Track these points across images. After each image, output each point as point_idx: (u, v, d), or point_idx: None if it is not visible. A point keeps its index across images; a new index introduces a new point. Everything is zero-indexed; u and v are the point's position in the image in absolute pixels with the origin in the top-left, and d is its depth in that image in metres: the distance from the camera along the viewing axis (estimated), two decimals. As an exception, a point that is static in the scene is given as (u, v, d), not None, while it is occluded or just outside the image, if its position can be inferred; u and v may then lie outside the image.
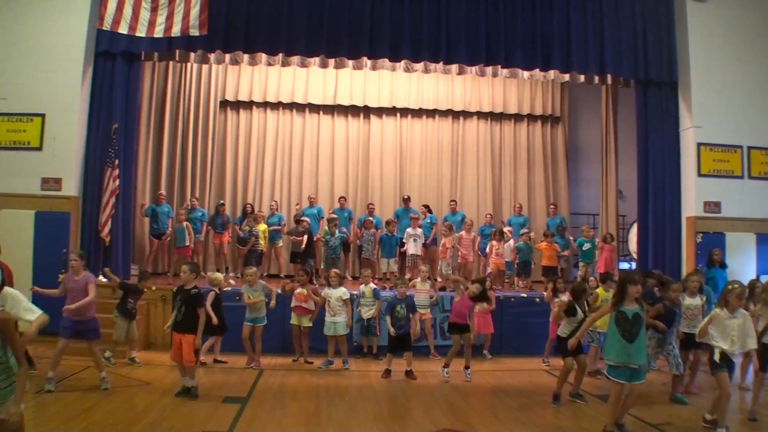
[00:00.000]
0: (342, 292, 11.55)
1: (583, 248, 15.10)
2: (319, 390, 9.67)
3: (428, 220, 16.34)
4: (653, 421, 8.16)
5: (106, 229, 13.01)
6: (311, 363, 11.47)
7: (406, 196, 17.20)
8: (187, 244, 14.78)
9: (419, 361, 11.38)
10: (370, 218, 15.84)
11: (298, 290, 11.61)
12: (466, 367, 10.69)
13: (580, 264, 15.15)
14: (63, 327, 9.16)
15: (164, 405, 8.45)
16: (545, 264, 15.23)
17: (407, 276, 14.42)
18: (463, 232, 15.42)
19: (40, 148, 12.93)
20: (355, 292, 12.27)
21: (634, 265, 16.98)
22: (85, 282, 9.32)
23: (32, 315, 5.57)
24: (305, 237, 15.07)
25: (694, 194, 14.23)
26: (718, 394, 7.75)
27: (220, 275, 11.86)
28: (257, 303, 11.20)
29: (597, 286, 11.77)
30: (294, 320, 11.59)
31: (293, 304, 11.61)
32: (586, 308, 9.42)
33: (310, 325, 11.56)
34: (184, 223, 14.79)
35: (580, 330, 8.52)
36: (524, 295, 13.44)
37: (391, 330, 10.75)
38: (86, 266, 9.69)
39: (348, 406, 8.83)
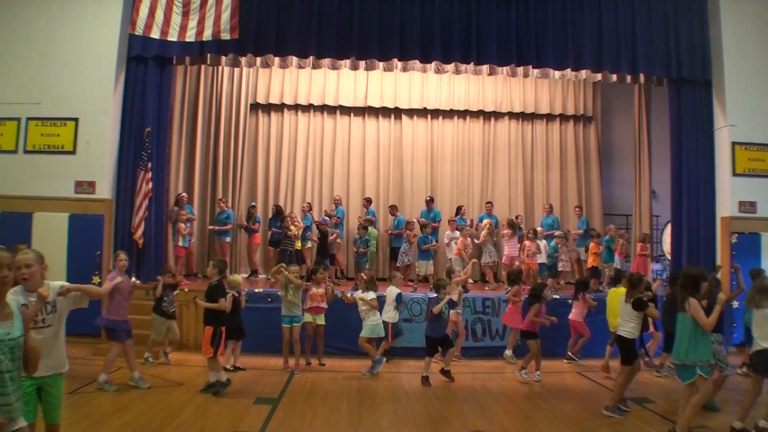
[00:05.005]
0: (369, 295, 11.29)
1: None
2: (351, 391, 9.67)
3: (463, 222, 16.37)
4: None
5: (140, 232, 13.13)
6: (324, 365, 11.43)
7: (429, 198, 17.26)
8: (179, 244, 14.62)
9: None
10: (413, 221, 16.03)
11: (314, 290, 11.41)
12: (529, 370, 10.70)
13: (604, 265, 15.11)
14: (123, 330, 9.55)
15: (197, 405, 8.51)
16: (591, 266, 15.20)
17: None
18: (506, 232, 15.42)
19: (73, 152, 13.11)
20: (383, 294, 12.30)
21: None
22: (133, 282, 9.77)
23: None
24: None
25: (729, 194, 14.00)
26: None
27: (239, 277, 11.64)
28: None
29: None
30: (308, 318, 11.34)
31: (308, 305, 11.37)
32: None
33: (324, 323, 11.46)
34: (180, 225, 14.67)
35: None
36: (556, 296, 13.31)
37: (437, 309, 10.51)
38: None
39: (379, 408, 8.83)
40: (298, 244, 15.18)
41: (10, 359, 4.23)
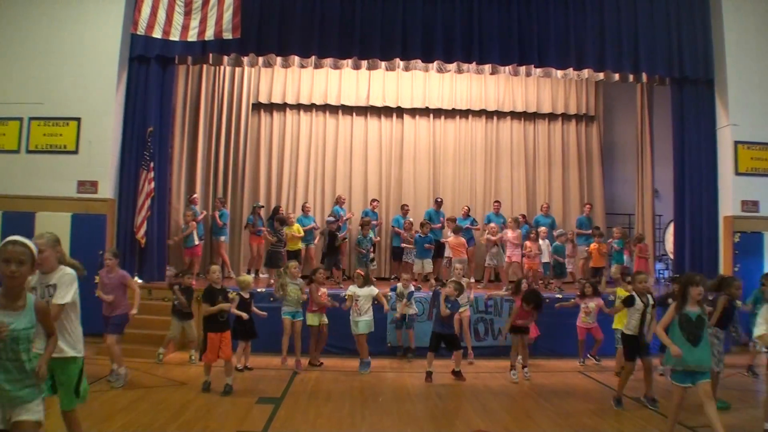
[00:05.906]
0: (368, 291, 11.23)
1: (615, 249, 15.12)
2: (353, 391, 9.65)
3: (467, 222, 16.35)
4: (691, 424, 7.97)
5: (142, 231, 13.17)
6: (321, 365, 11.35)
7: (438, 198, 17.23)
8: (197, 243, 14.82)
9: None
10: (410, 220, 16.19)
11: (322, 290, 11.27)
12: (524, 366, 10.70)
13: (613, 266, 14.99)
14: (108, 324, 9.54)
15: (199, 405, 8.50)
16: (594, 265, 15.18)
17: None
18: (508, 231, 15.39)
19: (76, 152, 13.13)
20: (388, 294, 12.28)
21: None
22: (120, 279, 9.63)
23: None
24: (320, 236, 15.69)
25: (732, 193, 14.01)
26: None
27: (249, 277, 11.54)
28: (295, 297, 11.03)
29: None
30: (314, 320, 11.18)
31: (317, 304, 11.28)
32: (649, 301, 8.98)
33: (327, 322, 11.40)
34: (192, 223, 14.76)
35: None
36: (559, 296, 13.30)
37: (444, 309, 10.29)
38: (120, 265, 9.93)
39: (382, 408, 8.80)
40: (295, 245, 14.81)
41: (11, 349, 4.26)
